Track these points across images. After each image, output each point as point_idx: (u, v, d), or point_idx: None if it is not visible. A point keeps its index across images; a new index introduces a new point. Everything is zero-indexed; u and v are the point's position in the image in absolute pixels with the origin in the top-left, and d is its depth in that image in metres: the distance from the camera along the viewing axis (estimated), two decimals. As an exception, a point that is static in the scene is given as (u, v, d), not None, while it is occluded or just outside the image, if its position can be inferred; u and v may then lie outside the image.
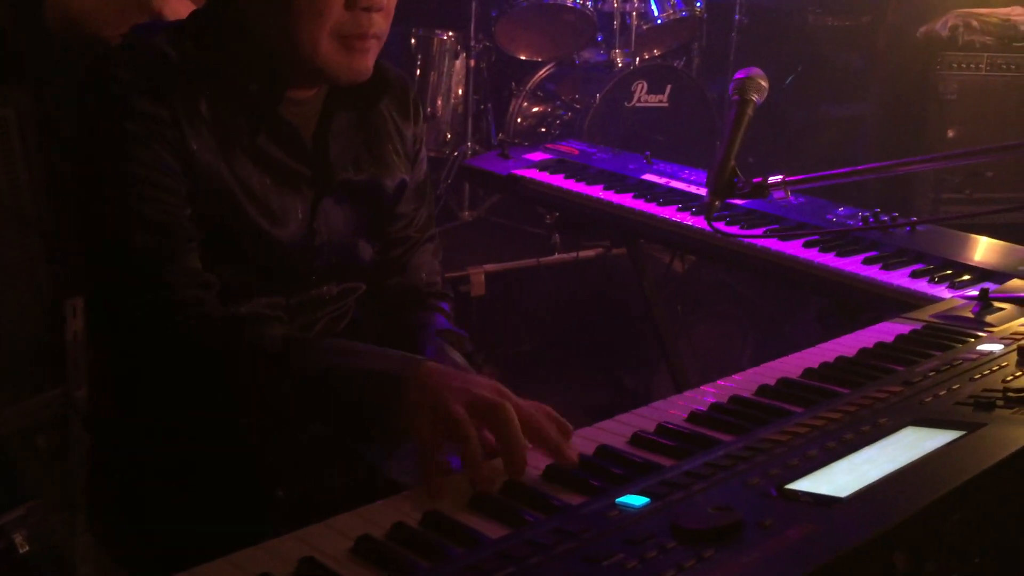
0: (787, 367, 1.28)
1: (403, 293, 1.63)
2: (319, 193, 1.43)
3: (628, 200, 2.24)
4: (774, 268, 1.94)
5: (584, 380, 3.59)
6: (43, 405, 2.50)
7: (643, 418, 1.14)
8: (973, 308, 1.47)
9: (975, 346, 1.26)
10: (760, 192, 1.70)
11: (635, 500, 0.87)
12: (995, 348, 1.22)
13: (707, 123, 4.36)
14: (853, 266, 1.84)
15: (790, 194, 1.67)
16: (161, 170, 1.28)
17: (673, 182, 2.32)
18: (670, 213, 2.15)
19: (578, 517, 0.85)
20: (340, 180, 1.45)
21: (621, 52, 4.39)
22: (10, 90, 2.27)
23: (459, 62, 4.35)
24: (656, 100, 4.27)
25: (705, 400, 1.18)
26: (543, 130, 4.43)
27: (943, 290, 1.72)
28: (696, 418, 1.13)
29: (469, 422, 1.02)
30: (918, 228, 1.96)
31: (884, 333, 1.42)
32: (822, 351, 1.36)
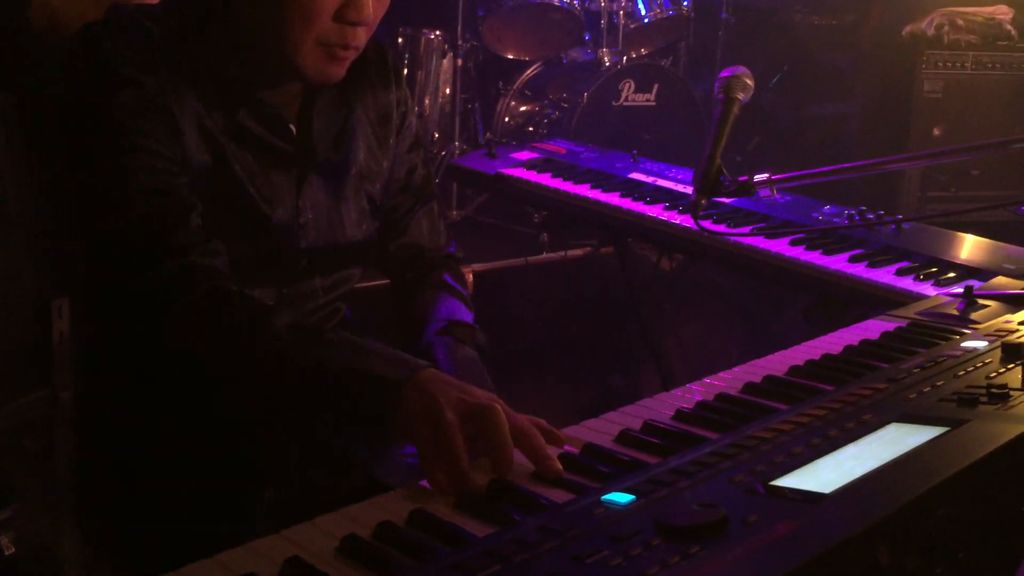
0: (773, 365, 1.29)
1: (406, 259, 1.64)
2: (303, 171, 1.44)
3: (615, 199, 2.24)
4: (760, 266, 1.95)
5: (572, 379, 3.60)
6: (29, 407, 2.49)
7: (630, 416, 1.14)
8: (958, 305, 1.48)
9: (959, 343, 1.26)
10: (746, 190, 1.70)
11: (620, 498, 0.87)
12: (979, 345, 1.23)
13: (694, 122, 4.37)
14: (839, 264, 1.85)
15: (776, 192, 1.67)
16: (155, 137, 1.29)
17: (660, 181, 2.33)
18: (657, 212, 2.15)
19: (564, 515, 0.85)
20: (324, 160, 1.47)
21: (608, 51, 4.39)
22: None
23: (446, 61, 4.34)
24: (643, 99, 4.28)
25: (692, 398, 1.18)
26: (531, 129, 4.43)
27: (928, 287, 1.73)
28: (682, 416, 1.13)
29: (457, 431, 1.01)
30: (903, 226, 1.97)
31: (870, 330, 1.42)
32: (808, 349, 1.36)
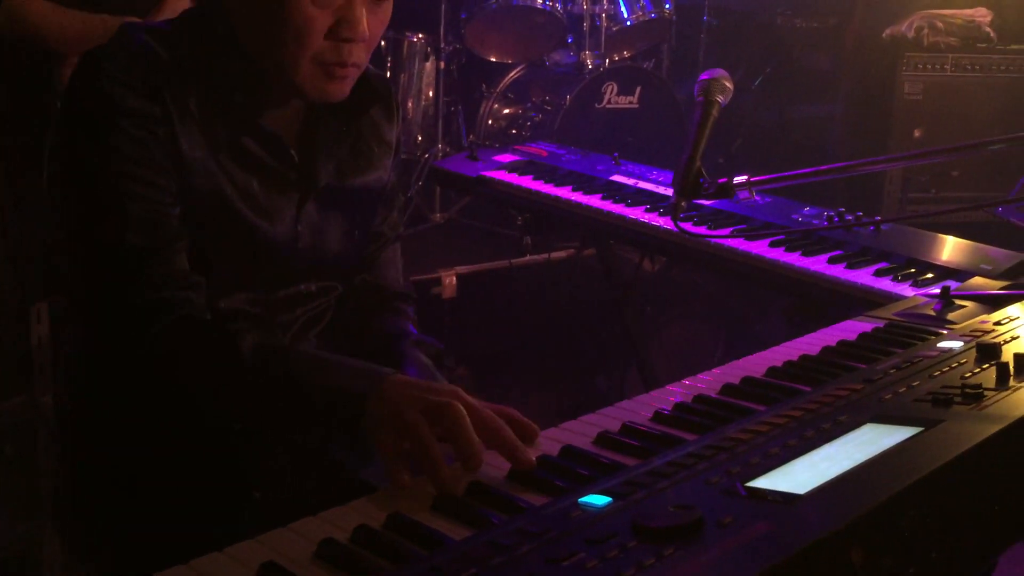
0: (752, 366, 1.29)
1: (370, 291, 1.65)
2: (303, 197, 1.46)
3: (596, 201, 2.25)
4: (741, 268, 1.96)
5: (556, 381, 3.60)
6: (9, 412, 2.48)
7: (609, 418, 1.15)
8: (935, 306, 1.49)
9: (935, 343, 1.27)
10: (725, 192, 1.71)
11: (597, 500, 0.87)
12: (955, 345, 1.24)
13: (677, 124, 4.39)
14: (818, 265, 1.86)
15: (755, 194, 1.68)
16: (152, 168, 1.30)
17: (641, 183, 2.34)
18: (638, 214, 2.16)
19: (541, 518, 0.86)
20: (325, 186, 1.48)
21: (591, 54, 4.40)
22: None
23: (429, 64, 4.34)
24: (626, 101, 4.29)
25: (670, 400, 1.18)
26: (514, 132, 4.43)
27: (906, 288, 1.74)
28: (661, 418, 1.14)
29: (424, 425, 1.03)
30: (882, 227, 1.98)
31: (847, 331, 1.43)
32: (787, 350, 1.37)
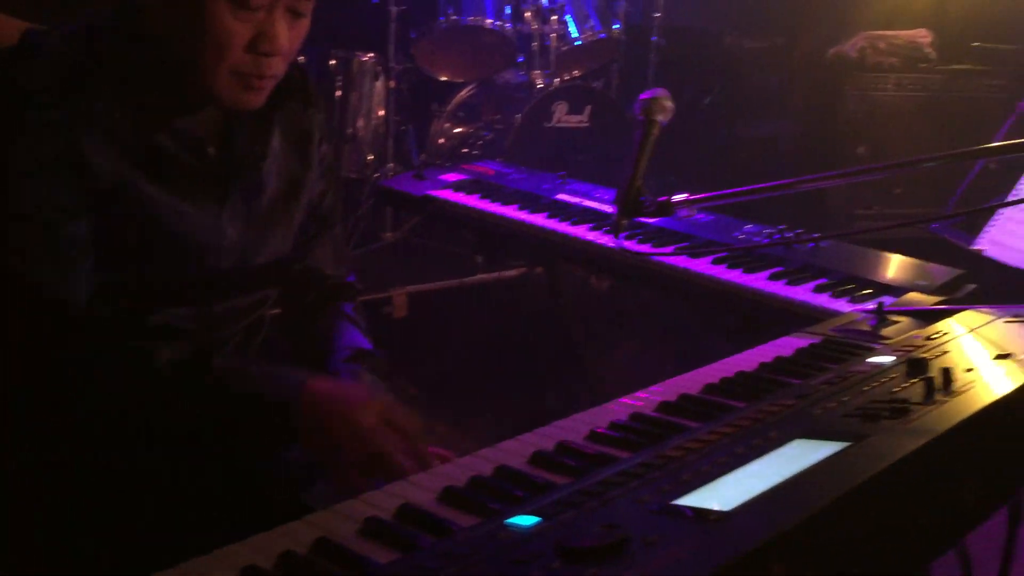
0: (689, 383, 1.30)
1: (305, 283, 1.64)
2: (224, 194, 1.43)
3: (542, 220, 2.25)
4: (683, 285, 1.97)
5: (507, 400, 3.59)
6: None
7: (546, 438, 1.14)
8: (870, 321, 1.51)
9: (867, 359, 1.29)
10: (666, 210, 1.72)
11: (526, 520, 0.86)
12: (886, 360, 1.25)
13: (626, 142, 4.40)
14: (759, 282, 1.88)
15: (695, 212, 1.70)
16: (51, 183, 1.27)
17: (587, 201, 2.35)
18: (582, 232, 2.17)
19: (468, 539, 0.85)
20: (249, 182, 1.46)
21: (541, 73, 4.43)
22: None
23: (379, 83, 4.34)
24: (576, 120, 4.32)
25: (607, 418, 1.18)
26: (465, 150, 4.44)
27: (844, 304, 1.76)
28: (596, 437, 1.14)
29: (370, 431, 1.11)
30: (822, 244, 2.00)
31: (784, 347, 1.44)
32: (724, 366, 1.37)
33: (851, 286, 1.83)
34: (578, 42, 4.50)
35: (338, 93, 4.30)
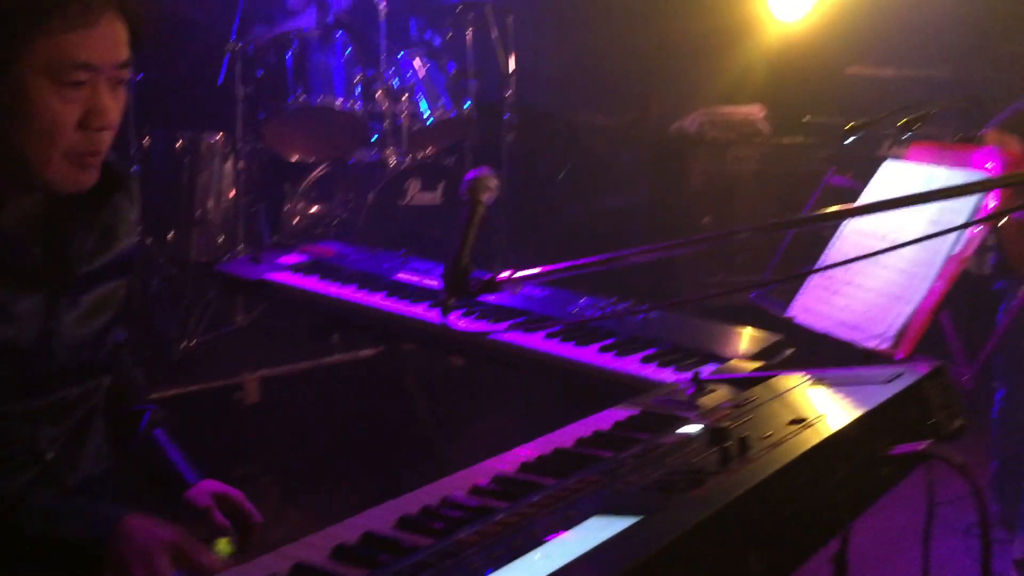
0: (502, 464, 1.29)
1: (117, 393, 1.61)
2: (54, 293, 1.40)
3: (379, 300, 2.24)
4: (518, 360, 1.99)
5: (364, 481, 3.52)
6: None
7: (348, 528, 1.11)
8: (688, 391, 1.55)
9: (678, 429, 1.31)
10: (491, 288, 1.73)
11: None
12: (692, 430, 1.28)
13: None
14: (590, 355, 1.91)
15: (519, 289, 1.72)
16: None
17: (427, 280, 2.35)
18: (419, 312, 2.17)
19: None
20: (78, 274, 1.43)
21: (394, 151, 4.46)
22: None
23: (228, 164, 4.28)
24: (429, 198, 4.35)
25: (415, 505, 1.17)
26: (320, 231, 4.41)
27: (669, 373, 1.80)
28: (404, 523, 1.12)
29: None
30: (651, 315, 2.06)
31: (604, 420, 1.46)
32: (543, 443, 1.38)
33: (677, 355, 1.88)
34: (430, 121, 4.55)
35: (186, 175, 4.22)
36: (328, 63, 4.34)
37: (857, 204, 1.56)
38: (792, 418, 1.22)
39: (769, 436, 1.17)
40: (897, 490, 1.19)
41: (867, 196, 1.76)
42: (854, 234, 1.74)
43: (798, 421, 1.21)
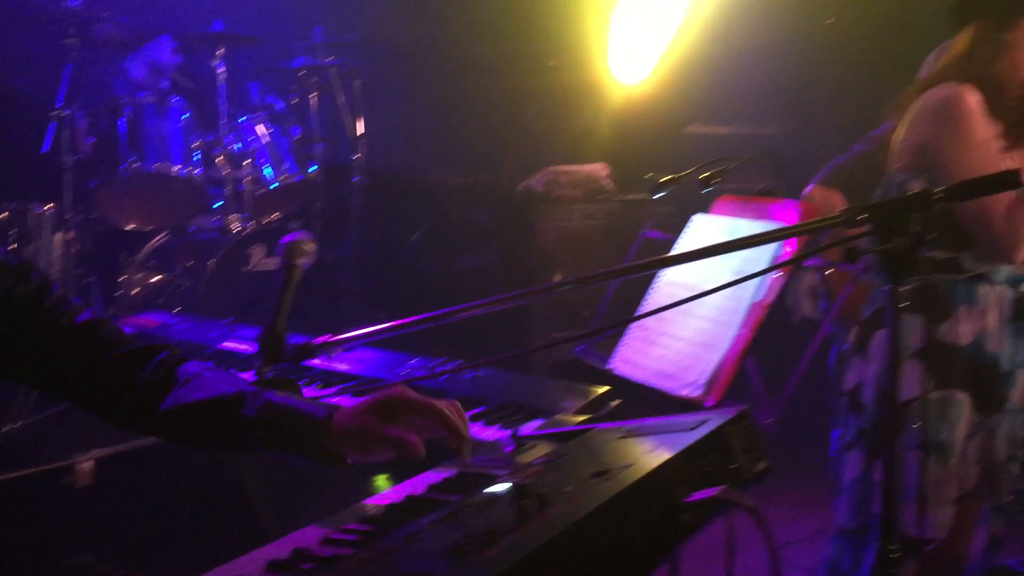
0: (310, 537, 1.24)
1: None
2: None
3: (202, 370, 2.15)
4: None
5: (209, 560, 3.35)
6: None
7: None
8: (507, 448, 1.53)
9: (484, 489, 1.29)
10: (308, 353, 1.69)
11: None
12: (499, 489, 1.26)
13: (326, 282, 4.41)
14: (416, 417, 1.87)
15: (333, 356, 1.68)
16: None
17: (255, 347, 2.27)
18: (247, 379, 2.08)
19: None
20: None
21: (238, 217, 4.36)
22: None
23: (58, 236, 4.09)
24: (274, 263, 4.25)
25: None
26: (162, 300, 4.25)
27: (494, 431, 1.78)
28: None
29: None
30: (480, 372, 2.04)
31: (421, 483, 1.43)
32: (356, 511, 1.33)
33: (503, 413, 1.86)
34: (274, 186, 4.48)
35: (12, 248, 4.00)
36: (164, 129, 4.23)
37: (666, 255, 1.60)
38: (595, 470, 1.22)
39: (569, 490, 1.16)
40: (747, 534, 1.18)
41: (678, 247, 1.81)
42: (668, 285, 1.78)
43: (600, 473, 1.20)
